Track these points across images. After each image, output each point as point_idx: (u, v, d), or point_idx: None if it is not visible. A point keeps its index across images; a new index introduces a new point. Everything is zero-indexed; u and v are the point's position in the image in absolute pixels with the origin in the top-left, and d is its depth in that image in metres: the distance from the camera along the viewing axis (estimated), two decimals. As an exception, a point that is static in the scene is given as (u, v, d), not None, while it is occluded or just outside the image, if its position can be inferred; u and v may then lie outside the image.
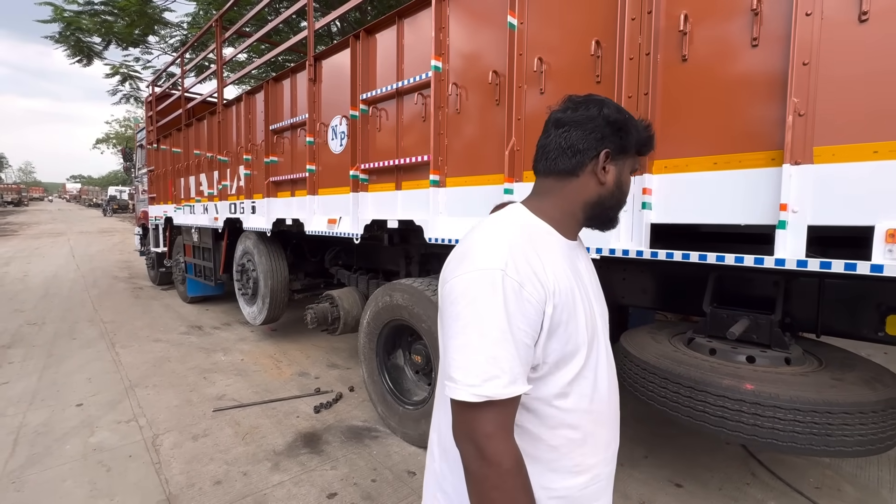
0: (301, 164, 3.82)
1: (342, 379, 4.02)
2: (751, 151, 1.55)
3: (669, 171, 1.74)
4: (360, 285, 4.13)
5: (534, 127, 2.19)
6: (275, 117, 4.17)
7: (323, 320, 3.84)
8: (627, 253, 1.82)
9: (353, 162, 3.20)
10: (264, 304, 4.80)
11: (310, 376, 4.08)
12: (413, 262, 3.71)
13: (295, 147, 3.98)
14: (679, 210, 1.72)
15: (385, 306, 2.98)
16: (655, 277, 2.43)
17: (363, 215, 3.17)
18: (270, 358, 4.56)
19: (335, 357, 4.62)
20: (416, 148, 2.78)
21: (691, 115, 1.69)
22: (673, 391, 1.82)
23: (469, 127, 2.50)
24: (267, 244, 4.80)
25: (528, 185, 2.21)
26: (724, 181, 1.60)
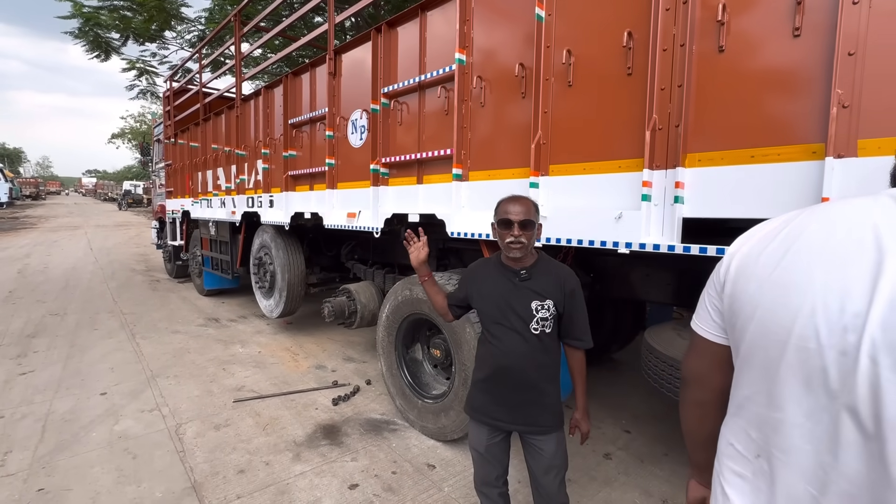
0: (320, 158, 3.82)
1: (359, 372, 4.03)
2: (790, 144, 1.51)
3: (703, 164, 1.71)
4: (377, 279, 4.13)
5: (561, 120, 2.17)
6: (294, 111, 4.17)
7: (340, 314, 3.84)
8: (658, 247, 1.79)
9: (373, 156, 3.19)
10: (281, 297, 4.82)
11: (326, 369, 4.09)
12: (431, 257, 3.69)
13: (314, 141, 3.97)
14: (712, 204, 1.69)
15: (405, 300, 2.97)
16: (680, 273, 2.40)
17: (383, 209, 3.16)
18: (287, 350, 4.59)
19: (351, 351, 4.64)
20: (439, 142, 2.76)
21: (727, 108, 1.65)
22: (702, 388, 1.80)
23: (493, 120, 2.48)
24: (284, 238, 4.81)
25: (555, 179, 2.20)
26: (762, 175, 1.57)
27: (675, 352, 1.95)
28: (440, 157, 2.74)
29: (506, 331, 1.58)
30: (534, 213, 1.58)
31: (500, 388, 1.61)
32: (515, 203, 1.57)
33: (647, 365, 2.09)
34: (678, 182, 1.74)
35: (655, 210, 1.82)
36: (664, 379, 1.97)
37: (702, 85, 1.70)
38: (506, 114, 2.42)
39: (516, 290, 1.59)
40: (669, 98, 1.77)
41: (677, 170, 1.74)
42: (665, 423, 3.14)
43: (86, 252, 11.79)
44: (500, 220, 1.57)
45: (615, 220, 1.91)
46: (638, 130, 1.87)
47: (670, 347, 2.00)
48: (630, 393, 3.62)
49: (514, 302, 1.58)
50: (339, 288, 4.10)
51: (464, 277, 1.77)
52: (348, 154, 3.53)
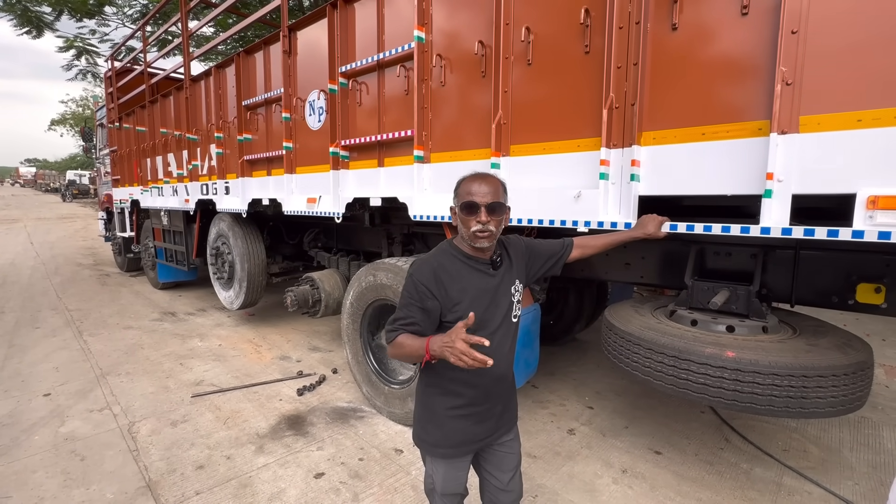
0: (277, 141, 3.69)
1: (325, 361, 3.99)
2: (738, 122, 1.56)
3: (658, 142, 1.74)
4: (341, 267, 4.08)
5: (521, 99, 2.15)
6: (248, 92, 4.01)
7: (304, 303, 3.79)
8: (616, 226, 1.82)
9: (332, 138, 3.10)
10: (241, 288, 4.71)
11: (291, 360, 4.03)
12: (395, 243, 3.68)
13: (270, 124, 3.84)
14: (667, 182, 1.73)
15: (369, 286, 2.94)
16: (637, 252, 2.46)
17: (344, 193, 3.10)
18: (249, 342, 4.49)
19: (316, 340, 4.58)
20: (400, 123, 2.71)
21: (680, 86, 1.68)
22: (657, 361, 1.86)
23: (454, 100, 2.45)
24: (242, 226, 4.67)
25: (516, 160, 2.19)
26: (712, 152, 1.61)
27: (633, 328, 2.00)
28: (401, 139, 2.69)
29: (491, 334, 1.39)
30: (503, 194, 1.38)
31: (488, 404, 1.43)
32: (481, 182, 1.34)
33: (607, 342, 2.14)
34: (634, 160, 1.76)
35: (613, 188, 1.84)
36: (623, 355, 2.03)
37: (656, 63, 1.72)
38: (466, 94, 2.39)
39: (495, 281, 1.42)
40: (626, 76, 1.78)
41: (633, 148, 1.76)
42: (624, 398, 3.26)
43: (26, 247, 10.96)
44: (464, 204, 1.32)
45: (574, 200, 1.93)
46: (596, 109, 1.88)
47: (629, 324, 2.05)
48: (593, 370, 3.73)
49: (497, 297, 1.40)
50: (303, 277, 4.02)
51: (419, 288, 1.35)
52: (306, 137, 3.43)
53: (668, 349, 1.81)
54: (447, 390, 1.43)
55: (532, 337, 2.56)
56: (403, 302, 1.39)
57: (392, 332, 1.37)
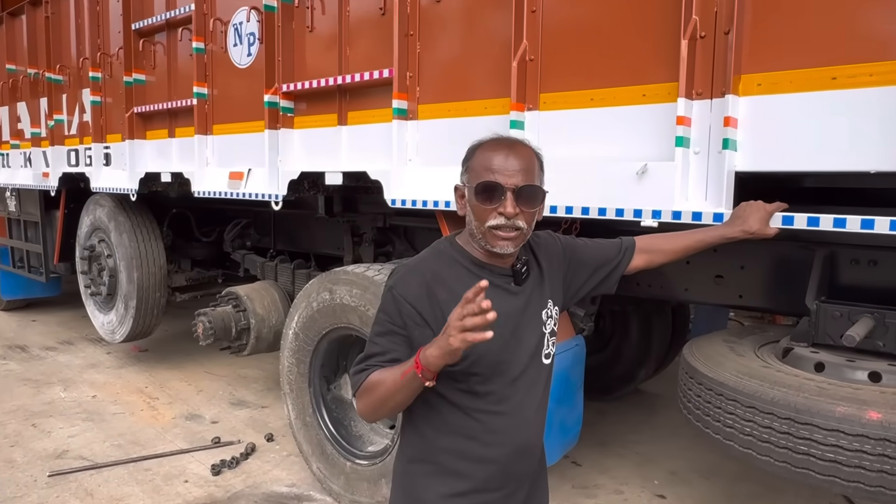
0: (185, 85, 3.71)
1: (254, 423, 3.98)
2: (891, 59, 1.56)
3: (765, 90, 1.74)
4: (282, 277, 4.10)
5: (557, 24, 2.15)
6: (140, 11, 4.04)
7: (223, 333, 3.80)
8: (699, 219, 1.82)
9: (268, 81, 3.12)
10: (128, 309, 4.73)
11: (204, 420, 4.03)
12: (364, 242, 3.70)
13: (174, 59, 3.86)
14: (779, 152, 1.73)
15: (323, 308, 2.95)
16: (733, 259, 2.47)
17: (287, 165, 3.11)
18: (140, 393, 4.49)
19: (242, 390, 4.58)
20: (372, 58, 2.72)
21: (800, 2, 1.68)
22: (764, 425, 1.85)
23: (455, 25, 2.44)
24: (131, 215, 4.69)
25: (548, 116, 2.19)
26: (850, 105, 1.61)
27: (726, 374, 2.00)
28: (374, 83, 2.69)
29: (511, 383, 1.40)
30: (538, 173, 1.40)
31: (506, 490, 1.45)
32: (508, 153, 1.35)
33: (688, 396, 2.13)
34: (728, 118, 1.75)
35: (696, 161, 1.83)
36: (711, 415, 2.02)
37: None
38: (474, 15, 2.38)
39: (518, 302, 1.43)
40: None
41: (727, 99, 1.75)
42: (713, 481, 3.25)
43: None
44: (482, 185, 1.33)
45: (637, 177, 1.92)
46: (670, 39, 1.88)
47: (720, 368, 2.05)
48: (666, 439, 3.73)
49: (521, 326, 1.42)
50: (222, 293, 4.04)
51: (403, 309, 1.35)
52: (230, 78, 3.43)
53: (779, 407, 1.81)
54: (443, 468, 1.41)
55: (573, 387, 2.56)
56: (379, 329, 1.38)
57: (360, 373, 1.36)
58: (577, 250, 1.64)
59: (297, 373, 3.14)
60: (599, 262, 1.65)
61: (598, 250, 1.68)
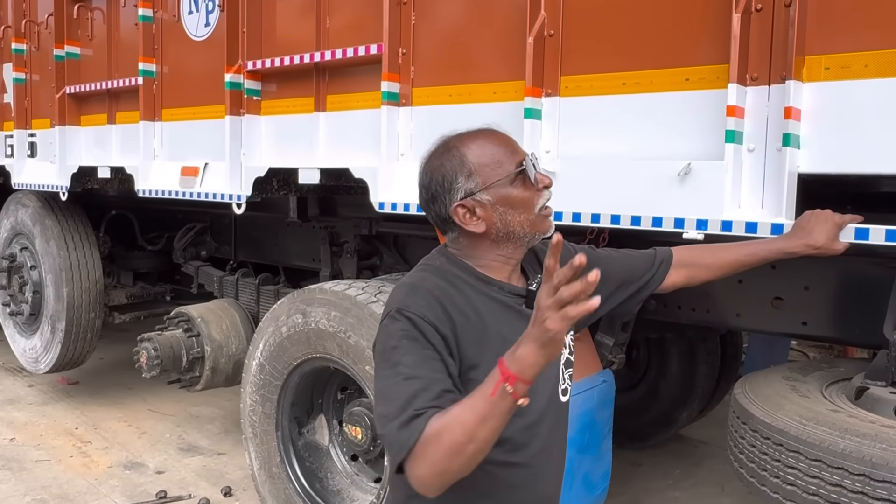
0: (129, 60, 3.72)
1: (208, 473, 3.96)
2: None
3: (834, 75, 1.75)
4: (244, 295, 4.10)
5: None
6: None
7: (171, 363, 3.79)
8: (754, 230, 1.83)
9: (231, 57, 3.13)
10: (55, 333, 4.71)
11: (146, 469, 4.00)
12: (346, 253, 3.70)
13: (115, 28, 3.88)
14: (853, 150, 1.73)
15: (295, 334, 2.96)
16: (796, 278, 2.47)
17: (252, 160, 3.12)
18: (69, 436, 4.45)
19: (194, 432, 4.56)
20: (357, 31, 2.74)
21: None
22: (832, 483, 1.85)
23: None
24: (60, 218, 4.69)
25: (572, 103, 2.20)
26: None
27: (787, 419, 2.00)
28: (360, 61, 2.71)
29: (529, 428, 1.43)
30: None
31: None
32: (498, 135, 1.49)
33: (739, 445, 2.13)
34: (789, 108, 1.76)
35: (750, 159, 1.84)
36: (768, 469, 2.02)
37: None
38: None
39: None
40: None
41: (788, 85, 1.76)
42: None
43: None
44: (521, 168, 1.42)
45: (678, 179, 1.93)
46: (719, 12, 1.89)
47: (779, 412, 2.05)
48: (711, 498, 3.70)
49: None
50: (171, 313, 4.04)
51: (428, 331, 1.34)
52: (184, 53, 3.45)
53: (851, 461, 1.81)
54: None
55: (599, 433, 2.56)
56: (408, 361, 1.31)
57: (409, 424, 1.23)
58: (598, 262, 1.63)
59: (261, 413, 3.13)
60: (626, 277, 1.66)
61: (625, 262, 1.69)
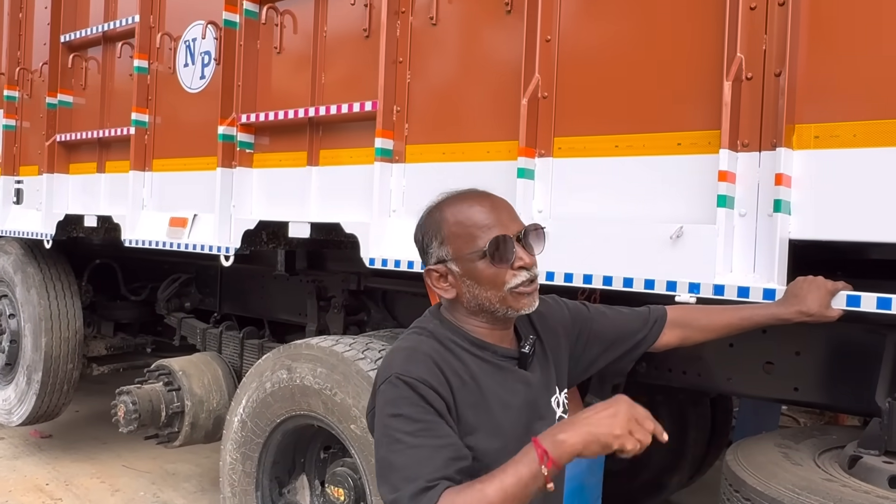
0: (122, 110, 3.77)
1: (184, 534, 3.90)
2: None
3: (823, 143, 1.78)
4: (228, 349, 4.08)
5: (576, 55, 2.22)
6: (72, 21, 4.14)
7: (150, 418, 3.76)
8: (746, 294, 1.84)
9: (225, 110, 3.18)
10: (30, 384, 4.65)
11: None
12: (333, 308, 3.70)
13: (110, 78, 3.94)
14: (842, 216, 1.76)
15: (279, 390, 2.93)
16: (787, 343, 2.47)
17: (242, 212, 3.13)
18: (39, 492, 4.39)
19: (170, 490, 4.51)
20: (352, 88, 2.79)
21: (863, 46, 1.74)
22: (827, 557, 1.82)
23: (453, 52, 2.52)
24: (43, 266, 4.68)
25: (565, 165, 2.23)
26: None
27: (779, 488, 1.98)
28: (354, 117, 2.75)
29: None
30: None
31: None
32: (486, 199, 1.47)
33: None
34: (780, 174, 1.79)
35: (742, 224, 1.86)
36: (762, 541, 1.99)
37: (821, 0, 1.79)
38: (476, 41, 2.46)
39: (528, 391, 1.48)
40: (765, 24, 1.85)
41: (778, 152, 1.79)
42: None
43: None
44: (494, 243, 1.39)
45: (671, 242, 1.94)
46: (710, 80, 1.93)
47: (772, 480, 2.03)
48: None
49: (535, 420, 1.46)
50: (152, 366, 4.00)
51: (429, 395, 1.32)
52: (177, 105, 3.49)
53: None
54: None
55: (589, 497, 2.55)
56: (412, 429, 1.28)
57: (422, 495, 1.20)
58: (591, 320, 1.65)
59: (241, 471, 3.09)
60: (618, 335, 1.67)
61: (618, 320, 1.69)
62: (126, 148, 3.67)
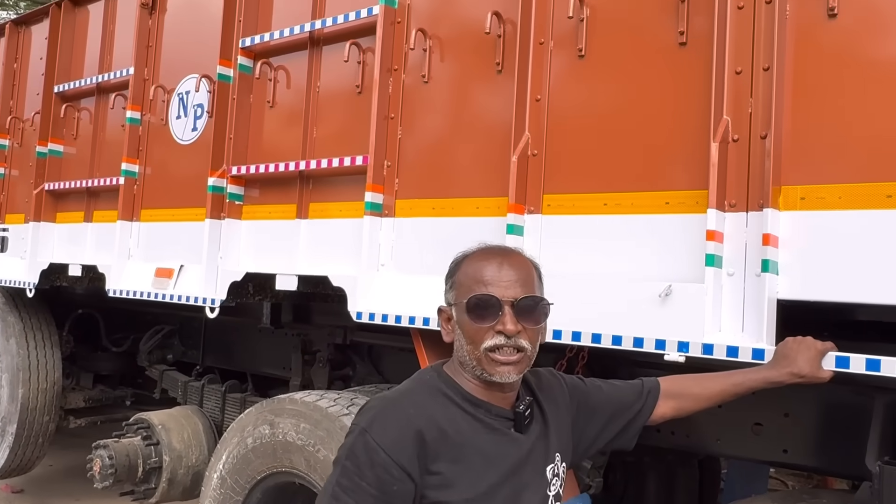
0: (112, 160, 3.79)
1: None
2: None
3: (809, 205, 1.81)
4: (209, 402, 4.04)
5: (565, 115, 2.26)
6: (66, 72, 4.19)
7: (126, 473, 3.69)
8: (735, 355, 1.83)
9: (216, 162, 3.20)
10: (4, 436, 4.56)
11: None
12: (318, 362, 3.68)
13: (101, 128, 3.98)
14: (830, 278, 1.77)
15: (261, 445, 2.89)
16: (776, 405, 2.46)
17: (229, 263, 3.13)
18: (6, 551, 4.28)
19: (144, 550, 4.34)
20: (342, 142, 2.82)
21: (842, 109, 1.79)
22: None
23: (444, 110, 2.56)
24: (24, 314, 4.64)
25: (553, 222, 2.25)
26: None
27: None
28: (345, 171, 2.78)
29: None
30: (538, 284, 1.50)
31: None
32: (501, 262, 1.45)
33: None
34: (767, 235, 1.81)
35: (730, 284, 1.87)
36: None
37: (805, 65, 1.84)
38: (467, 99, 2.50)
39: (521, 454, 1.46)
40: (751, 86, 1.89)
41: (765, 213, 1.82)
42: None
43: None
44: (475, 301, 1.39)
45: (660, 300, 1.95)
46: (698, 141, 1.97)
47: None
48: None
49: (523, 482, 1.45)
50: (131, 419, 3.94)
51: (379, 470, 1.31)
52: (168, 156, 3.52)
53: None
54: None
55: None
56: (344, 483, 1.32)
57: None
58: (587, 394, 1.65)
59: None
60: (615, 409, 1.66)
61: (613, 394, 1.69)
62: (114, 197, 3.68)
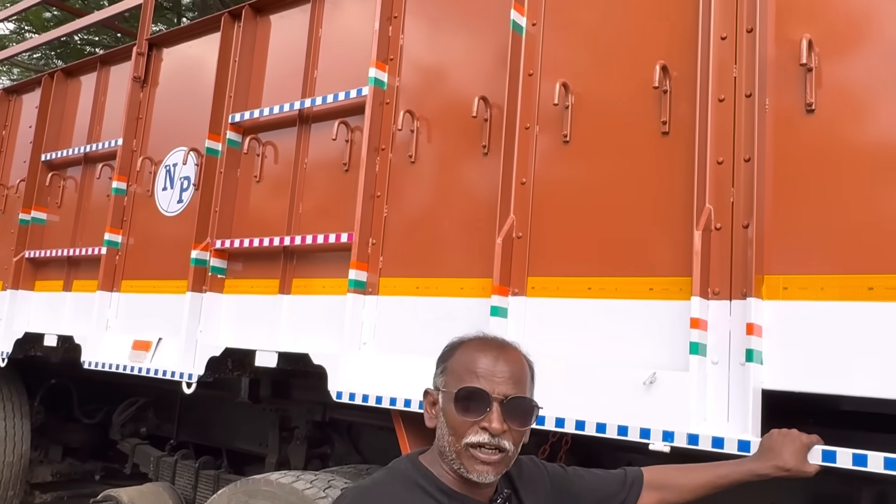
0: (95, 230, 3.79)
1: None
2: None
3: (792, 295, 1.82)
4: (182, 479, 3.94)
5: (550, 197, 2.29)
6: (55, 140, 4.24)
7: None
8: (720, 445, 1.81)
9: (200, 234, 3.20)
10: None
11: None
12: (296, 439, 3.62)
13: (87, 198, 3.99)
14: (816, 369, 1.77)
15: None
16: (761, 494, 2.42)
17: (208, 338, 3.10)
18: None
19: None
20: (328, 218, 2.84)
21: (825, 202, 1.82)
22: None
23: (430, 190, 2.59)
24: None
25: (537, 304, 2.24)
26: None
27: None
28: (329, 248, 2.79)
29: None
30: (529, 384, 1.46)
31: None
32: (498, 355, 1.43)
33: None
34: (751, 324, 1.81)
35: (715, 373, 1.86)
36: None
37: (785, 157, 1.89)
38: (454, 180, 2.53)
39: None
40: (732, 176, 1.93)
41: (749, 302, 1.83)
42: None
43: None
44: (464, 392, 1.38)
45: (644, 388, 1.93)
46: (681, 229, 2.00)
47: None
48: None
49: None
50: (99, 496, 3.84)
51: None
52: (152, 227, 3.52)
53: None
54: None
55: None
56: None
57: None
58: (569, 483, 1.62)
59: None
60: (598, 499, 1.63)
61: (596, 483, 1.65)
62: (95, 267, 3.67)
